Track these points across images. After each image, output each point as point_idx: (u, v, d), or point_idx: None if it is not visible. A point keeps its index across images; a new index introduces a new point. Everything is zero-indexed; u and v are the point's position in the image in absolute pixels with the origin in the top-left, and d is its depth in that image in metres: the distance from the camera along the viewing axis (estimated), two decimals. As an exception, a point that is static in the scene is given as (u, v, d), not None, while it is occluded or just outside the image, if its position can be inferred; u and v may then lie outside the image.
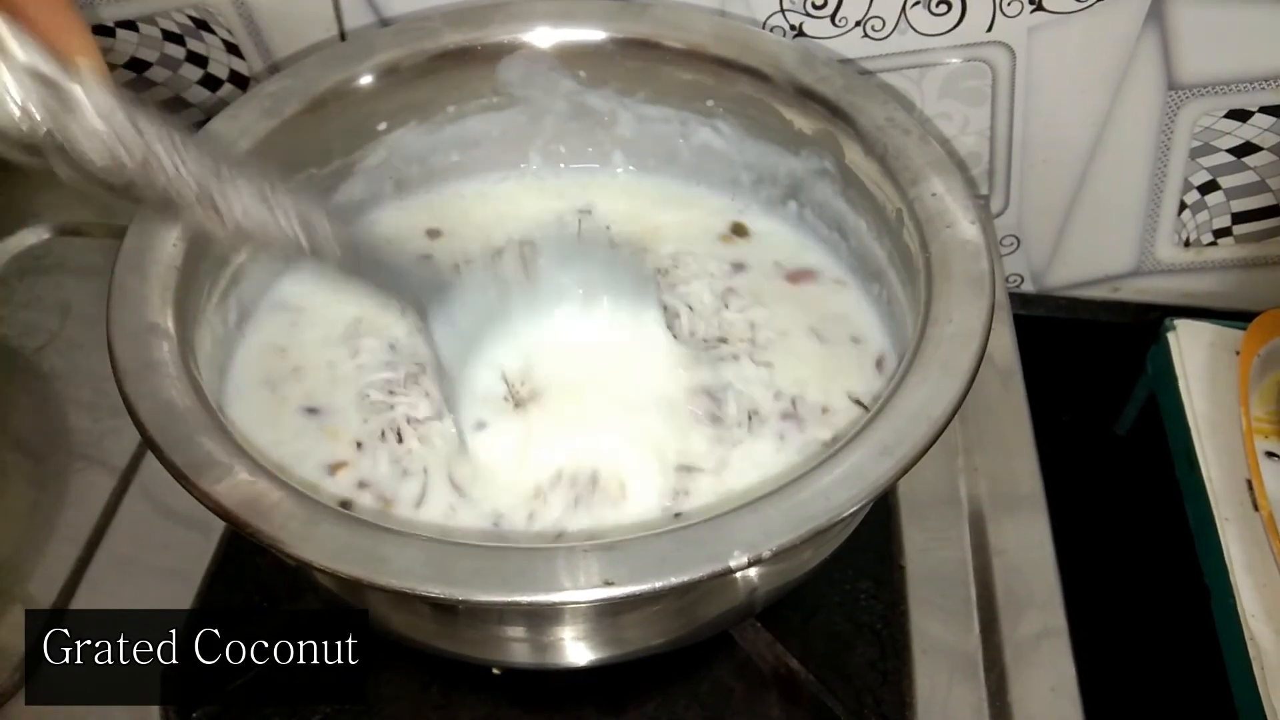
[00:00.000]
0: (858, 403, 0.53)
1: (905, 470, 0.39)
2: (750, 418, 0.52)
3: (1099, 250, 0.76)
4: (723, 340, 0.55)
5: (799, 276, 0.59)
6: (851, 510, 0.38)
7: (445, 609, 0.42)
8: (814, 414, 0.52)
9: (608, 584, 0.36)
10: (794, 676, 0.49)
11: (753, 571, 0.38)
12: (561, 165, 0.64)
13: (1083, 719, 0.51)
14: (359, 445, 0.51)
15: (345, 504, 0.48)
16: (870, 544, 0.56)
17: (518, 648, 0.47)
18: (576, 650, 0.47)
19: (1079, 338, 0.80)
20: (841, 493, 0.38)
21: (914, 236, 0.49)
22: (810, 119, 0.55)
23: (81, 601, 0.55)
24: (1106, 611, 0.63)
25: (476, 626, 0.45)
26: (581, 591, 0.36)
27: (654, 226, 0.62)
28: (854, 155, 0.54)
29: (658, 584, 0.36)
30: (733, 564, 0.37)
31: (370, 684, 0.52)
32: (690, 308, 0.56)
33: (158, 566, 0.56)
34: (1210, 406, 0.66)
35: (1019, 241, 0.76)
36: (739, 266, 0.59)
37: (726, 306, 0.57)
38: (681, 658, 0.51)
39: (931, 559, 0.56)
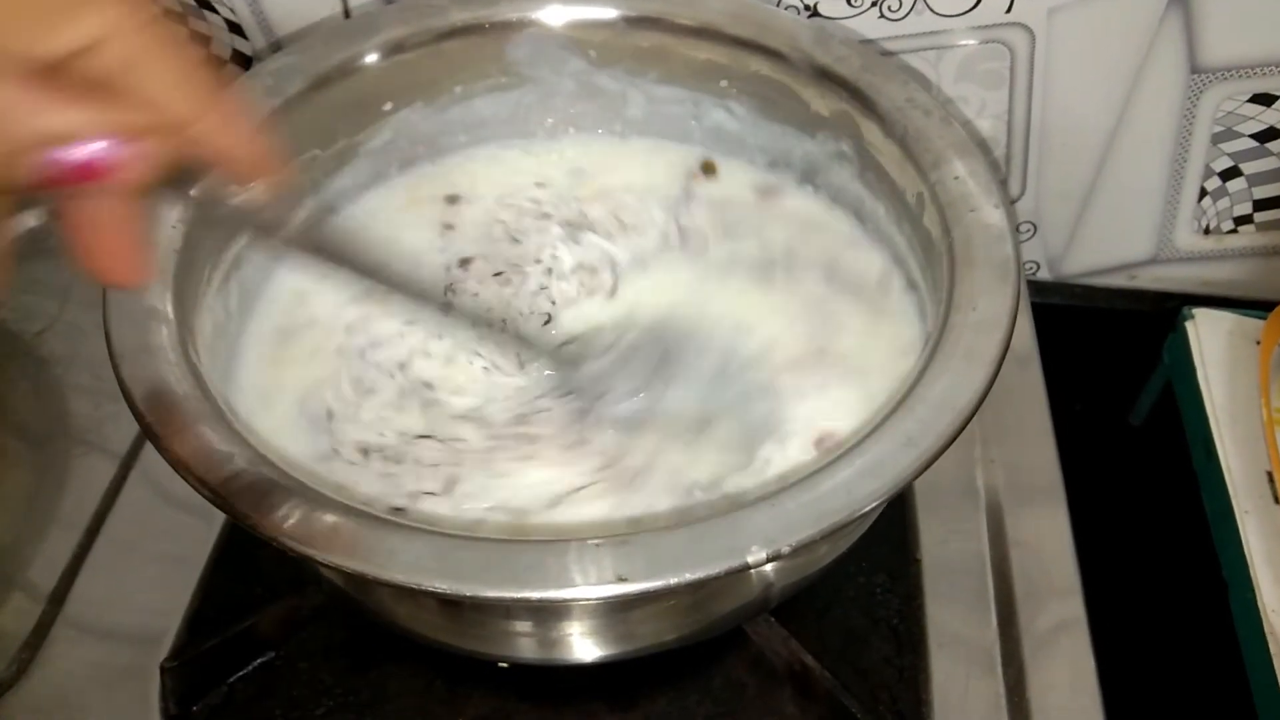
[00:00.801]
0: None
1: (930, 463, 0.38)
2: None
3: (1117, 237, 0.75)
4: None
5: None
6: (874, 505, 0.37)
7: (452, 603, 0.41)
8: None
9: (621, 580, 0.35)
10: (808, 672, 0.48)
11: (770, 567, 0.37)
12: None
13: (1103, 714, 0.50)
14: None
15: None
16: (886, 536, 0.55)
17: (525, 643, 0.46)
18: (585, 646, 0.46)
19: (1094, 326, 0.79)
20: (863, 486, 0.37)
21: (935, 221, 0.47)
22: (827, 100, 0.54)
23: (82, 589, 0.54)
24: (1122, 606, 0.62)
25: (483, 621, 0.44)
26: (594, 587, 0.35)
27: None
28: (873, 137, 0.52)
29: (673, 580, 0.35)
30: (750, 560, 0.35)
31: (374, 677, 0.51)
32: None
33: (159, 554, 0.55)
34: (1229, 397, 0.65)
35: (1035, 228, 0.75)
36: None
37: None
38: (693, 652, 0.50)
39: (948, 551, 0.55)
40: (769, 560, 0.36)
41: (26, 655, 0.52)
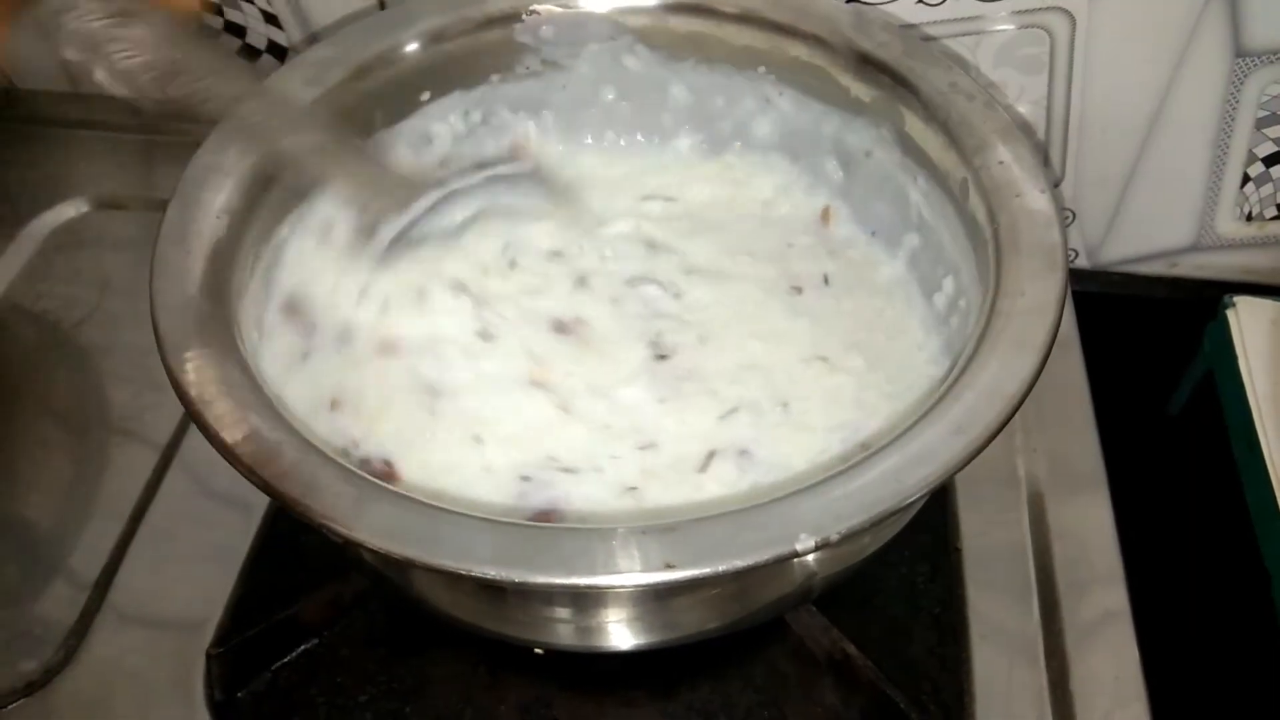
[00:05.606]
0: None
1: (979, 450, 0.38)
2: None
3: (1157, 224, 0.74)
4: None
5: None
6: (923, 493, 0.37)
7: (496, 589, 0.41)
8: None
9: (669, 566, 0.35)
10: (850, 662, 0.48)
11: (815, 556, 0.37)
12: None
13: (1147, 705, 0.50)
14: None
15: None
16: (927, 525, 0.55)
17: (566, 629, 0.46)
18: (627, 633, 0.46)
19: (1132, 315, 0.78)
20: (913, 474, 0.37)
21: (980, 207, 0.47)
22: (868, 86, 0.54)
23: (125, 577, 0.55)
24: (1161, 598, 0.61)
25: (526, 607, 0.44)
26: (641, 574, 0.35)
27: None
28: (914, 123, 0.52)
29: (721, 567, 0.35)
30: (799, 547, 0.35)
31: (416, 664, 0.51)
32: None
33: (201, 543, 0.56)
34: (1272, 386, 0.64)
35: (1074, 215, 0.74)
36: None
37: None
38: (734, 641, 0.50)
39: (989, 541, 0.55)
40: (818, 548, 0.35)
41: (73, 642, 0.52)
